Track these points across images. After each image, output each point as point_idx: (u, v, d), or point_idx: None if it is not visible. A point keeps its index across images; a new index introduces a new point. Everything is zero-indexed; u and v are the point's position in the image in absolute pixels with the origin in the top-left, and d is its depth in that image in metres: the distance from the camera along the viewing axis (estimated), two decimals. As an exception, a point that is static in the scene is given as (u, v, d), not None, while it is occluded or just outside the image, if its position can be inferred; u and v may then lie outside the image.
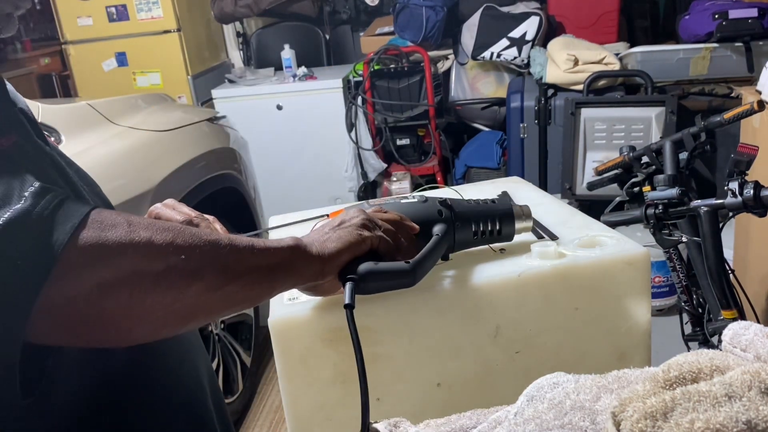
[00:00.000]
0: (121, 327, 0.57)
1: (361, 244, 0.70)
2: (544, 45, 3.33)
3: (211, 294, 0.60)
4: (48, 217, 0.53)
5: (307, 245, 0.68)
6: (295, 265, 0.66)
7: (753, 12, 2.89)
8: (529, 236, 0.87)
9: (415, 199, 0.81)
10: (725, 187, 1.39)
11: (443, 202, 0.80)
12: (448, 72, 3.73)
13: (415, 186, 3.68)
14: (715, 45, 2.97)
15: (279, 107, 3.70)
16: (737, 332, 0.51)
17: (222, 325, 2.33)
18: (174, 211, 0.92)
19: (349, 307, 0.65)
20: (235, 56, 4.41)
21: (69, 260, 0.53)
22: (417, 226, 0.78)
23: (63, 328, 0.55)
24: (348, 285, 0.67)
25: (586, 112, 2.95)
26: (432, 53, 3.65)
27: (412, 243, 0.76)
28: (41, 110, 1.89)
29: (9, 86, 0.77)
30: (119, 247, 0.55)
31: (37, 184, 0.55)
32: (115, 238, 0.55)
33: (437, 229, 0.78)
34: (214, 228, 0.93)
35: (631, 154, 1.74)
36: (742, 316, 1.50)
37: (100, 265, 0.54)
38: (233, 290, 0.61)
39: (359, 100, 3.64)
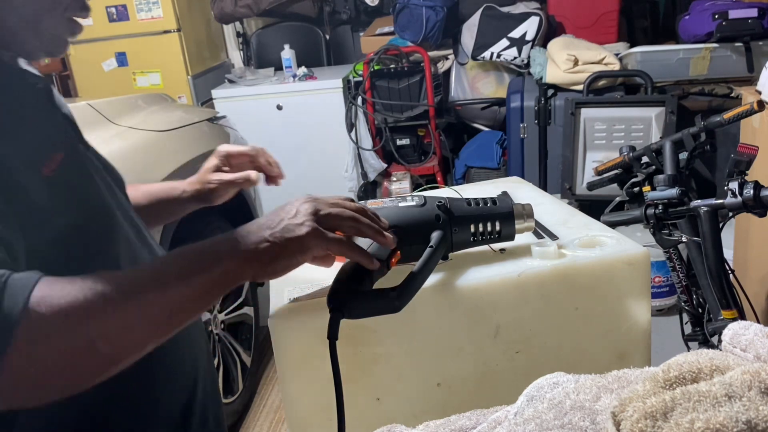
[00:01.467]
0: (71, 386, 0.61)
1: (303, 256, 0.67)
2: (544, 45, 3.33)
3: (154, 340, 0.64)
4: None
5: (246, 256, 0.65)
6: (230, 281, 0.66)
7: (753, 12, 2.89)
8: (529, 236, 0.87)
9: (414, 201, 0.80)
10: (725, 187, 1.38)
11: (442, 205, 0.79)
12: (448, 72, 3.73)
13: (415, 186, 3.68)
14: (715, 45, 2.97)
15: (279, 107, 3.70)
16: (737, 332, 0.51)
17: (222, 325, 2.33)
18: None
19: (332, 340, 0.65)
20: (235, 56, 4.41)
21: (15, 354, 0.55)
22: (386, 222, 0.74)
23: (15, 398, 0.59)
24: (332, 316, 0.66)
25: (586, 112, 2.95)
26: (432, 53, 3.65)
27: (379, 235, 0.71)
28: (41, 110, 1.88)
29: (54, 91, 0.81)
30: (65, 332, 0.58)
31: None
32: (60, 324, 0.58)
33: (434, 237, 0.77)
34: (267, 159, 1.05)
35: (631, 154, 1.73)
36: (742, 316, 1.50)
37: (44, 355, 0.57)
38: (172, 327, 0.64)
39: (359, 100, 3.64)
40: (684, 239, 1.58)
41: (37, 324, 0.57)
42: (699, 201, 1.45)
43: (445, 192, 1.09)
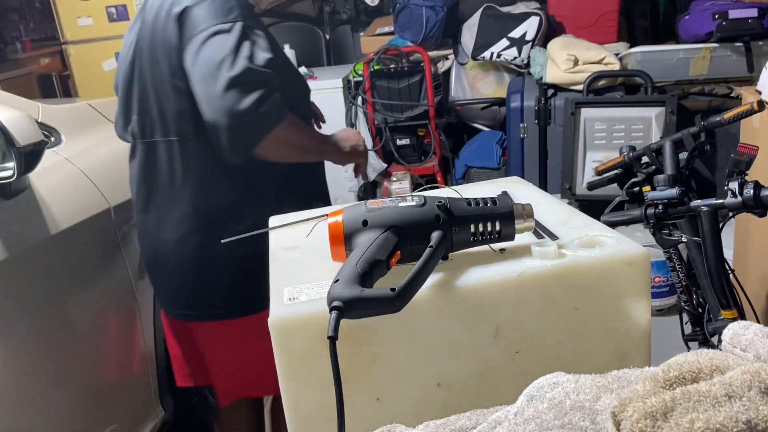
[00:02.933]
0: (290, 154, 1.56)
1: (360, 159, 1.77)
2: (544, 45, 3.33)
3: (311, 156, 1.67)
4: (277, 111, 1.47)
5: (341, 147, 1.69)
6: (329, 153, 1.68)
7: (753, 12, 2.89)
8: (529, 236, 0.87)
9: (414, 201, 0.80)
10: (725, 187, 1.38)
11: (442, 205, 0.79)
12: (448, 72, 3.73)
13: (415, 186, 3.68)
14: (715, 45, 2.97)
15: (279, 107, 3.70)
16: (737, 332, 0.51)
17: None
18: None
19: (332, 339, 0.65)
20: (235, 56, 4.40)
21: (283, 126, 1.47)
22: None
23: (277, 152, 1.51)
24: (332, 315, 0.66)
25: (586, 112, 2.95)
26: (432, 53, 3.65)
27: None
28: (41, 110, 1.89)
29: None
30: (295, 131, 1.52)
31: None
32: (293, 128, 1.51)
33: (434, 237, 0.77)
34: None
35: (631, 154, 1.73)
36: (742, 316, 1.50)
37: (288, 136, 1.50)
38: (315, 156, 1.69)
39: (359, 100, 3.64)
40: (684, 239, 1.58)
41: (280, 129, 1.45)
42: (699, 201, 1.45)
43: (445, 192, 1.09)
